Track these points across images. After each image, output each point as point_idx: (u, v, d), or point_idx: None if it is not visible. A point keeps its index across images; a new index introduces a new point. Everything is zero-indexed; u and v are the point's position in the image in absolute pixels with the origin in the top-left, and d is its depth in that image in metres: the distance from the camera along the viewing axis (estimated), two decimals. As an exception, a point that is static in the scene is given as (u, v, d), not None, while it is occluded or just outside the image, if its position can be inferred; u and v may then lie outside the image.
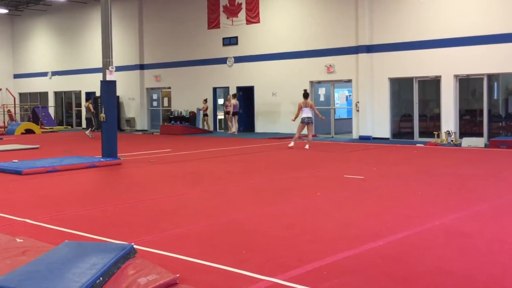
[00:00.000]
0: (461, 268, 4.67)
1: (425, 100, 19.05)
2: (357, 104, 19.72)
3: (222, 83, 24.30)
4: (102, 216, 7.11)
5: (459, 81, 17.71)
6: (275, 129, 21.99)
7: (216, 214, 7.04)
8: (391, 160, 12.90)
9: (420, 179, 9.92)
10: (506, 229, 6.03)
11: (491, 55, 16.75)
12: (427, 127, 18.67)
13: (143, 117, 27.40)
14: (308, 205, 7.61)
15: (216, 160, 13.38)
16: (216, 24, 24.03)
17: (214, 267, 4.78)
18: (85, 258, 4.40)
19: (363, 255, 5.13)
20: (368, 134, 19.33)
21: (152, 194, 8.58)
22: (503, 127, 17.45)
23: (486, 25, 16.79)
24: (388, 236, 5.72)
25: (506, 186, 8.95)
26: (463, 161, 12.52)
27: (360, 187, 9.11)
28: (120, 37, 27.08)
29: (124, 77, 26.67)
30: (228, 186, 9.36)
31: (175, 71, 25.93)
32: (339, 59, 20.20)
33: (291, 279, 4.42)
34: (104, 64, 13.33)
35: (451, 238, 5.65)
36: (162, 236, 5.92)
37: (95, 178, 11.03)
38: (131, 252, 4.67)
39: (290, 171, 11.14)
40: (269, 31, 22.34)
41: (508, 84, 17.32)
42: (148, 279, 4.16)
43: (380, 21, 19.12)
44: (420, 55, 18.20)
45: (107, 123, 13.14)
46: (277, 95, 21.91)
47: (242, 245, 5.51)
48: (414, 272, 4.62)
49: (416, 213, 6.95)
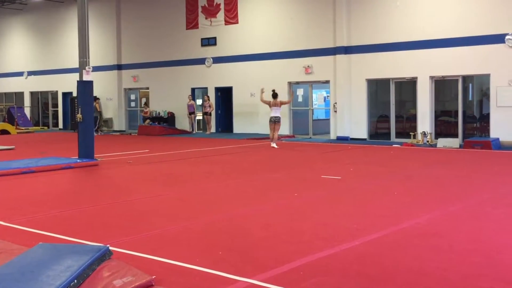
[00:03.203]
0: (436, 268, 4.73)
1: (402, 101, 19.25)
2: (335, 105, 19.84)
3: (200, 84, 24.24)
4: (78, 217, 7.04)
5: (435, 83, 17.94)
6: (253, 130, 22.01)
7: (193, 215, 7.03)
8: (368, 161, 13.01)
9: (396, 179, 10.03)
10: (480, 229, 6.12)
11: (466, 57, 17.00)
12: (404, 127, 18.88)
13: (121, 117, 27.20)
14: (285, 205, 7.63)
15: (194, 161, 13.35)
16: (194, 25, 23.96)
17: (191, 268, 4.77)
18: (59, 261, 4.35)
19: (339, 255, 5.16)
20: (346, 135, 19.46)
21: (129, 195, 8.52)
22: (477, 128, 17.72)
23: (461, 27, 17.04)
24: (363, 236, 5.77)
25: (480, 186, 9.10)
26: (438, 162, 12.68)
27: (337, 187, 9.18)
28: (97, 37, 26.84)
29: (102, 77, 26.42)
30: (205, 187, 9.34)
31: (153, 71, 25.79)
32: (317, 60, 20.31)
33: (268, 280, 4.43)
34: (81, 64, 13.19)
35: (425, 238, 5.72)
36: (138, 237, 5.89)
37: (71, 179, 10.91)
38: (107, 254, 4.64)
39: (268, 172, 11.17)
40: (247, 32, 22.36)
41: (482, 86, 17.60)
42: (124, 281, 4.13)
43: (357, 22, 19.27)
44: (396, 56, 18.39)
45: (83, 123, 13.01)
46: (256, 95, 21.92)
47: (219, 246, 5.50)
48: (389, 272, 4.66)
49: (392, 213, 7.02)
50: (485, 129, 17.12)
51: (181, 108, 24.49)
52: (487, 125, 16.96)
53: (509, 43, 16.13)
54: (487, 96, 17.10)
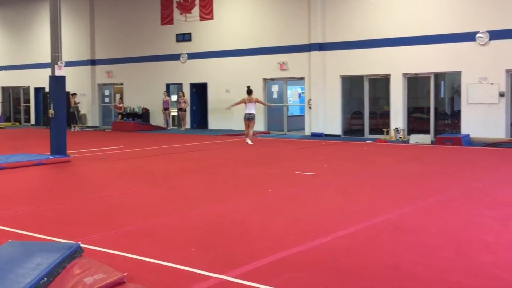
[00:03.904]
0: (406, 263, 4.80)
1: (375, 97, 19.43)
2: (309, 101, 19.94)
3: (175, 80, 24.10)
4: (49, 215, 6.96)
5: (408, 80, 18.16)
6: (228, 126, 21.97)
7: (166, 212, 7.00)
8: (341, 157, 13.12)
9: (369, 175, 10.14)
10: (449, 224, 6.23)
11: (438, 55, 17.24)
12: (377, 124, 19.06)
13: (95, 113, 26.89)
14: (259, 201, 7.66)
15: (168, 157, 13.28)
16: (169, 20, 23.80)
17: (163, 265, 4.75)
18: (29, 258, 4.30)
19: (312, 250, 5.20)
20: (320, 131, 19.58)
21: (101, 192, 8.45)
22: (448, 124, 18.00)
23: (433, 26, 17.28)
24: (336, 232, 5.82)
25: (450, 182, 9.25)
26: (410, 158, 12.85)
27: (311, 183, 9.23)
28: (70, 31, 26.47)
29: (75, 72, 26.07)
30: (179, 184, 9.31)
31: (127, 67, 25.55)
32: (292, 56, 20.37)
33: (241, 276, 4.45)
34: (53, 59, 13.00)
35: (397, 233, 5.80)
36: (110, 234, 5.84)
37: (43, 176, 10.76)
38: (78, 251, 4.59)
39: (242, 168, 11.18)
40: (223, 27, 22.30)
41: (454, 83, 17.87)
42: (95, 278, 4.10)
43: (332, 19, 19.37)
44: (370, 54, 18.55)
45: (56, 119, 12.83)
46: (231, 91, 21.89)
47: (192, 242, 5.50)
48: (361, 266, 4.72)
49: (364, 208, 7.10)
50: (456, 125, 17.40)
51: (155, 104, 24.32)
52: (458, 122, 17.24)
53: (480, 41, 16.41)
54: (458, 93, 17.37)
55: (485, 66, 16.38)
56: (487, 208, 7.01)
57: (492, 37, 16.23)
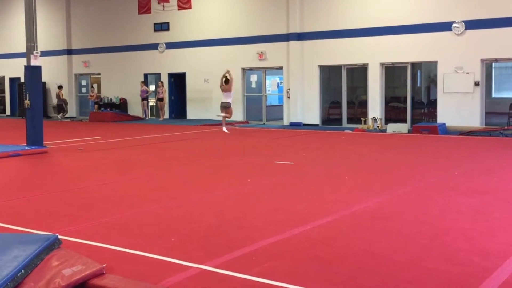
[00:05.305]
0: (384, 250, 4.87)
1: (353, 87, 19.55)
2: (288, 91, 19.97)
3: (153, 69, 23.92)
4: (26, 206, 6.88)
5: (385, 69, 18.29)
6: (207, 116, 21.90)
7: (145, 202, 6.97)
8: (320, 146, 13.19)
9: (347, 164, 10.22)
10: (426, 212, 6.32)
11: (414, 44, 17.40)
12: (355, 113, 19.20)
13: (71, 104, 26.54)
14: (238, 191, 7.67)
15: (146, 147, 13.21)
16: (147, 9, 23.54)
17: (142, 256, 4.74)
18: (6, 251, 4.25)
19: (291, 239, 5.24)
20: (299, 121, 19.64)
21: (79, 183, 8.38)
22: (425, 113, 18.21)
23: (410, 16, 17.41)
24: (315, 221, 5.87)
25: (426, 170, 9.37)
26: (387, 147, 12.98)
27: (289, 172, 9.27)
28: (46, 20, 26.06)
29: (51, 62, 25.70)
30: (158, 174, 9.27)
31: (104, 56, 25.26)
32: (271, 46, 20.35)
33: (220, 266, 4.46)
34: (28, 49, 12.80)
35: (374, 221, 5.87)
36: (88, 225, 5.80)
37: (19, 167, 10.62)
38: (56, 243, 4.55)
39: (221, 158, 11.17)
40: (201, 17, 22.15)
41: (430, 72, 18.06)
42: (73, 270, 4.07)
43: (310, 9, 19.38)
44: (348, 43, 18.63)
45: (32, 110, 12.65)
46: (209, 81, 21.81)
47: (171, 232, 5.49)
48: (339, 254, 4.77)
49: (342, 197, 7.16)
50: (433, 114, 17.61)
51: (133, 94, 24.13)
52: (434, 111, 17.44)
53: (455, 30, 16.59)
54: (434, 83, 17.57)
55: (461, 55, 16.58)
56: (463, 196, 7.13)
57: (468, 27, 16.42)
